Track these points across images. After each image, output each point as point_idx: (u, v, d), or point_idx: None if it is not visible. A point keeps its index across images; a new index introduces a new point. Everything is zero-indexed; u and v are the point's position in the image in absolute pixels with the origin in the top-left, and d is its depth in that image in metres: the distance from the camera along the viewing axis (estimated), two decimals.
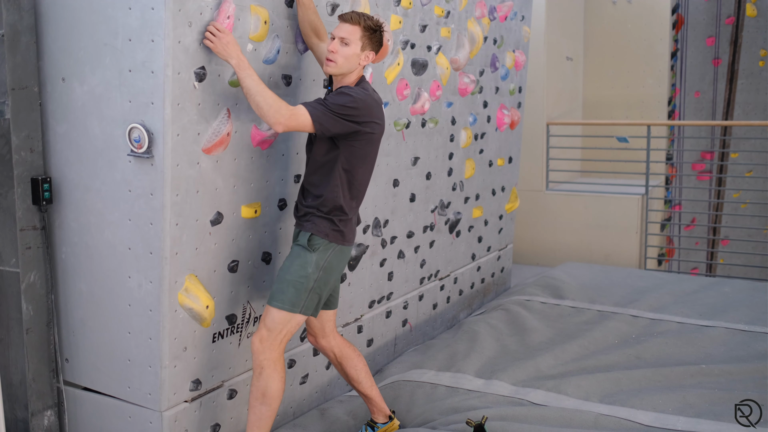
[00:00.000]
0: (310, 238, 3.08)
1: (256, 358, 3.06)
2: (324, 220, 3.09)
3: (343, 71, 3.05)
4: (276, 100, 2.86)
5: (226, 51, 2.83)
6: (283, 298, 3.05)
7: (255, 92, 2.84)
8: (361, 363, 3.47)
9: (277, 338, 3.05)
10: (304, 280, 3.06)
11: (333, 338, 3.44)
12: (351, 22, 3.02)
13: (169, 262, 2.90)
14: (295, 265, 3.08)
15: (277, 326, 3.05)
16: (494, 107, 5.52)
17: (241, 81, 2.86)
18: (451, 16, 4.70)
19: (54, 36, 2.99)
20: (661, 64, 9.63)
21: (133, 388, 3.07)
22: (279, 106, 2.85)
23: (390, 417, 3.55)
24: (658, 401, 3.81)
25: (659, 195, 9.18)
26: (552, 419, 3.64)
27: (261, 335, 3.06)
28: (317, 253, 3.08)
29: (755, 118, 10.02)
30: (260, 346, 3.05)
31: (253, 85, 2.84)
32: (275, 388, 3.05)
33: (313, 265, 3.07)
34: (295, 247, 3.13)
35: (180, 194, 2.89)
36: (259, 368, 3.05)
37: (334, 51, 3.00)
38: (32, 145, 3.06)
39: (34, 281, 3.13)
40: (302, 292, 3.06)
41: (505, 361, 4.44)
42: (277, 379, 3.06)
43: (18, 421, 3.26)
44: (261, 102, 2.84)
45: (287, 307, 3.05)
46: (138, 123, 2.80)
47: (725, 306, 5.48)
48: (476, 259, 5.73)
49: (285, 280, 3.07)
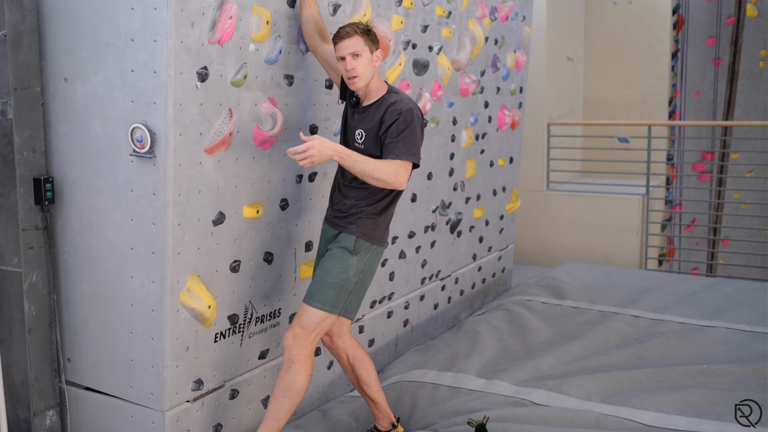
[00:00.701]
0: (355, 241, 3.11)
1: (288, 353, 3.10)
2: (369, 221, 3.13)
3: (368, 80, 3.08)
4: (387, 164, 2.94)
5: (324, 155, 2.85)
6: (323, 299, 3.09)
7: (372, 170, 2.91)
8: (371, 367, 3.48)
9: (310, 336, 3.11)
10: (346, 282, 3.11)
11: (348, 339, 3.44)
12: (350, 36, 3.01)
13: (171, 262, 2.90)
14: (337, 267, 3.11)
15: (312, 325, 3.10)
16: (495, 107, 5.52)
17: (353, 168, 2.92)
18: (453, 17, 4.70)
19: (56, 36, 2.99)
20: (661, 64, 9.62)
21: (135, 387, 3.07)
22: (394, 170, 2.95)
23: (393, 424, 3.54)
24: (659, 401, 3.81)
25: (660, 195, 9.18)
26: (553, 419, 3.64)
27: (295, 332, 3.10)
28: (359, 256, 3.13)
29: (756, 118, 10.02)
30: (293, 342, 3.10)
31: (367, 167, 2.91)
32: (301, 383, 3.11)
33: (354, 268, 3.12)
34: (337, 249, 3.14)
35: (182, 194, 2.89)
36: (290, 362, 3.10)
37: (352, 68, 3.02)
38: (35, 145, 3.07)
39: (36, 281, 3.13)
40: (343, 294, 3.11)
41: (507, 361, 4.44)
42: (304, 375, 3.12)
43: (20, 421, 3.26)
44: (380, 176, 2.92)
45: (327, 308, 3.10)
46: (140, 123, 2.80)
47: (726, 306, 5.48)
48: (477, 259, 5.73)
49: (325, 281, 3.10)
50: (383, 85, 3.18)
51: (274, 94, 3.28)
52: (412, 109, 3.05)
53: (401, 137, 3.00)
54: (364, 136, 3.12)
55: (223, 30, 2.90)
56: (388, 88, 3.18)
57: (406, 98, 3.10)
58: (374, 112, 3.10)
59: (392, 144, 3.00)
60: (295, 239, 3.61)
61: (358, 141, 3.14)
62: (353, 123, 3.19)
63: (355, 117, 3.19)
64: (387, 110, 3.04)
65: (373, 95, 3.14)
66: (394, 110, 3.02)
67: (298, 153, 2.81)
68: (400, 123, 3.00)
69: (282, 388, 3.10)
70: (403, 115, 3.01)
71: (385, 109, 3.05)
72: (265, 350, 3.53)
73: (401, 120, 3.00)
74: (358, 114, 3.18)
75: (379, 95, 3.14)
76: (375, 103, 3.12)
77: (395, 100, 3.06)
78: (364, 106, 3.16)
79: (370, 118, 3.11)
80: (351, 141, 3.19)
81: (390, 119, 3.01)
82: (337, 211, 3.21)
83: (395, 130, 3.00)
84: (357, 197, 3.15)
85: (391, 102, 3.06)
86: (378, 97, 3.14)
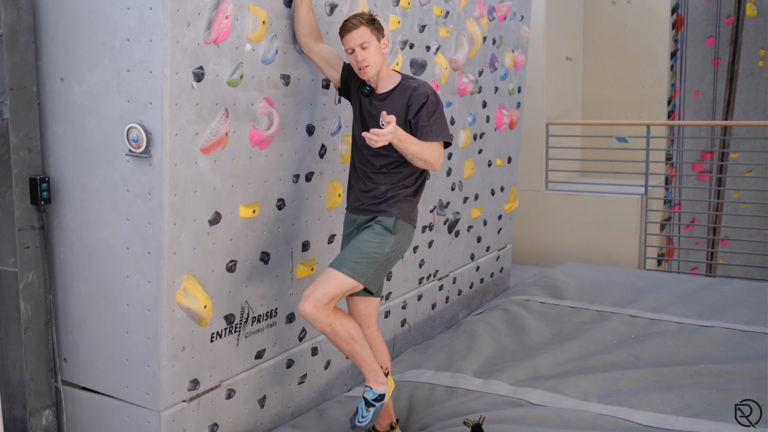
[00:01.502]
0: (395, 222, 3.17)
1: (318, 323, 3.07)
2: (406, 202, 3.21)
3: (378, 68, 3.14)
4: (430, 147, 3.06)
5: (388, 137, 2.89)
6: (354, 267, 3.10)
7: (422, 152, 3.03)
8: (389, 363, 3.46)
9: (330, 302, 3.08)
10: (380, 256, 3.16)
11: (376, 329, 3.42)
12: (356, 27, 3.08)
13: (167, 262, 2.90)
14: (375, 241, 3.15)
15: (336, 290, 3.08)
16: (493, 107, 5.51)
17: (407, 150, 3.00)
18: (450, 16, 4.70)
19: (52, 36, 2.99)
20: (660, 64, 9.62)
21: (131, 387, 3.07)
22: (437, 152, 3.08)
23: (392, 425, 3.54)
24: (656, 401, 3.81)
25: (659, 195, 9.18)
26: (550, 420, 3.64)
27: (316, 299, 3.03)
28: (397, 235, 3.19)
29: (755, 118, 10.01)
30: (314, 311, 3.04)
31: (419, 148, 3.02)
32: (352, 325, 3.16)
33: (390, 245, 3.18)
34: (377, 225, 3.18)
35: (178, 194, 2.89)
36: (329, 327, 3.10)
37: (362, 59, 3.08)
38: (31, 145, 3.06)
39: (32, 281, 3.13)
40: (373, 266, 3.15)
41: (504, 361, 4.44)
42: (346, 320, 3.15)
43: (16, 421, 3.26)
44: (428, 157, 3.05)
45: (356, 276, 3.10)
46: (136, 123, 2.80)
47: (724, 306, 5.47)
48: (475, 259, 5.73)
49: (360, 251, 3.13)
50: (393, 72, 3.25)
51: (270, 94, 3.28)
52: (436, 94, 3.16)
53: (433, 120, 3.10)
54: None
55: (219, 30, 2.90)
56: (401, 74, 3.25)
57: (425, 82, 3.19)
58: (397, 98, 3.16)
59: (426, 127, 3.08)
60: (291, 239, 3.61)
61: (383, 126, 3.11)
62: (373, 110, 3.21)
63: (374, 104, 3.21)
64: (412, 95, 3.12)
65: (386, 82, 3.20)
66: (421, 94, 3.10)
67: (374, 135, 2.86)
68: (430, 106, 3.09)
69: (347, 341, 3.15)
70: (431, 99, 3.10)
71: (410, 94, 3.12)
72: (262, 350, 3.53)
73: (430, 103, 3.10)
74: (377, 101, 3.20)
75: (394, 81, 3.20)
76: (395, 90, 3.18)
77: (417, 85, 3.15)
78: (382, 93, 3.20)
79: (393, 104, 3.15)
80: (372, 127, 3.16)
81: (418, 103, 3.09)
82: (372, 198, 3.23)
83: (426, 113, 3.09)
84: (391, 182, 3.20)
85: (414, 86, 3.14)
86: (394, 83, 3.20)
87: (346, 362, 4.20)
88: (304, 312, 3.05)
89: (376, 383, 3.25)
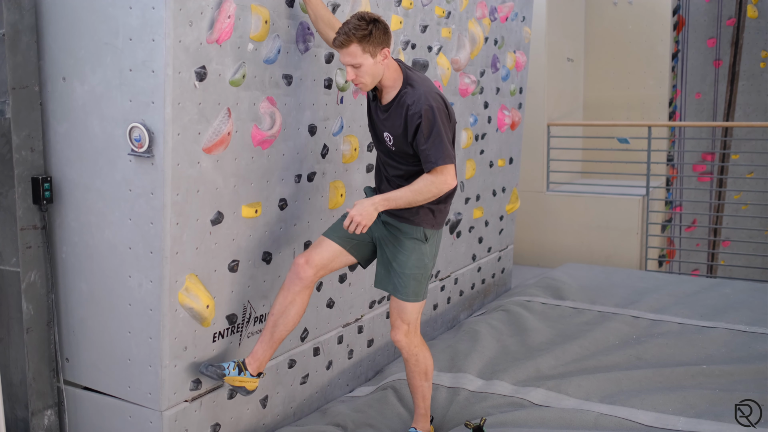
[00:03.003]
0: (424, 232, 3.18)
1: (407, 351, 3.32)
2: (428, 211, 3.18)
3: (375, 81, 3.01)
4: (426, 181, 2.99)
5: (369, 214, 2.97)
6: (408, 291, 3.22)
7: (416, 196, 3.00)
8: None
9: (416, 326, 3.31)
10: (424, 270, 3.24)
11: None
12: (345, 46, 2.92)
13: (169, 262, 2.90)
14: (413, 259, 3.20)
15: (413, 316, 3.28)
16: (495, 108, 5.51)
17: (399, 206, 3.02)
18: (452, 17, 4.70)
19: (55, 35, 2.99)
20: (661, 65, 9.62)
21: (134, 387, 3.07)
22: (435, 181, 2.98)
23: (260, 374, 3.25)
24: (658, 402, 3.81)
25: (660, 196, 9.18)
26: (552, 421, 3.64)
27: (404, 330, 3.28)
28: (429, 242, 3.23)
29: (756, 119, 10.01)
30: (406, 339, 3.30)
31: (410, 197, 3.00)
32: (431, 363, 3.42)
33: (428, 254, 3.24)
34: (408, 241, 3.19)
35: (180, 194, 2.89)
36: (414, 357, 3.34)
37: (354, 78, 2.98)
38: (33, 145, 3.06)
39: (34, 281, 3.13)
40: (422, 281, 3.26)
41: (506, 361, 4.44)
42: (429, 356, 3.41)
43: (18, 421, 3.25)
44: (428, 195, 3.01)
45: (413, 299, 3.24)
46: (138, 122, 2.80)
47: (726, 307, 5.47)
48: (477, 259, 5.72)
49: (406, 275, 3.21)
50: (399, 76, 3.06)
51: (272, 94, 3.28)
52: (431, 107, 2.96)
53: (431, 143, 2.96)
54: (393, 139, 3.10)
55: (222, 29, 2.90)
56: (404, 79, 3.06)
57: (422, 94, 2.98)
58: (395, 114, 3.05)
59: (425, 152, 2.97)
60: (293, 239, 3.61)
61: (388, 142, 3.14)
62: (378, 123, 3.16)
63: (377, 115, 3.15)
64: (407, 115, 2.98)
65: (390, 91, 3.08)
66: (414, 114, 2.95)
67: (348, 227, 2.95)
68: (424, 128, 2.95)
69: (420, 376, 3.38)
70: (425, 117, 2.94)
71: (405, 113, 2.98)
72: None
73: (424, 125, 2.95)
74: (380, 112, 3.14)
75: (396, 89, 3.06)
76: (394, 102, 3.05)
77: (412, 101, 2.97)
78: (384, 105, 3.11)
79: (392, 121, 3.06)
80: (380, 139, 3.18)
81: (412, 125, 2.97)
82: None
83: (422, 137, 2.96)
84: None
85: (408, 104, 2.98)
86: (395, 92, 3.06)
87: (348, 362, 4.20)
88: (397, 340, 3.31)
89: (422, 427, 3.50)
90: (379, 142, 3.21)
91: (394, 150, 3.12)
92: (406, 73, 3.09)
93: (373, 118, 3.21)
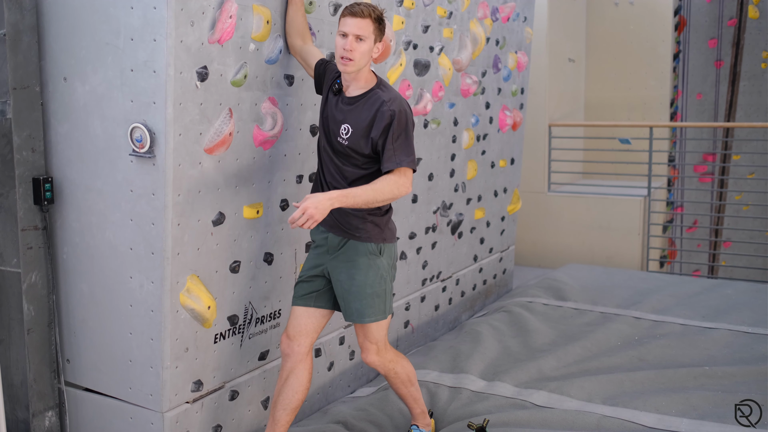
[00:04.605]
0: (376, 246, 3.09)
1: (383, 368, 3.28)
2: (375, 226, 3.07)
3: (360, 68, 2.92)
4: (387, 181, 2.88)
5: (323, 208, 2.74)
6: (373, 312, 3.12)
7: (375, 196, 2.86)
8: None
9: (384, 342, 3.24)
10: (384, 284, 3.13)
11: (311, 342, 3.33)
12: (362, 16, 2.85)
13: (170, 263, 2.89)
14: (371, 276, 3.08)
15: (381, 335, 3.21)
16: (496, 108, 5.51)
17: (355, 204, 2.84)
18: (454, 17, 4.69)
19: (56, 35, 2.98)
20: (663, 65, 9.61)
21: (135, 389, 3.06)
22: (396, 184, 2.89)
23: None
24: (661, 403, 3.80)
25: (661, 197, 9.16)
26: (554, 422, 3.63)
27: (374, 350, 3.22)
28: (384, 255, 3.14)
29: (757, 119, 9.99)
30: (379, 358, 3.25)
31: (369, 196, 2.85)
32: (411, 369, 3.39)
33: (385, 267, 3.14)
34: (361, 259, 3.06)
35: (182, 194, 2.88)
36: (392, 372, 3.32)
37: (351, 49, 2.85)
38: (34, 145, 3.05)
39: (35, 281, 3.12)
40: (386, 296, 3.16)
41: (508, 362, 4.43)
42: (406, 363, 3.37)
43: (19, 422, 3.24)
44: (386, 196, 2.89)
45: (381, 317, 3.15)
46: (140, 123, 2.79)
47: (728, 308, 5.46)
48: (478, 260, 5.71)
49: (367, 294, 3.08)
50: (373, 77, 3.02)
51: (274, 94, 3.27)
52: (405, 111, 2.93)
53: (398, 144, 2.89)
54: (350, 132, 2.96)
55: (223, 29, 2.89)
56: (377, 80, 3.02)
57: (397, 96, 2.96)
58: (363, 108, 2.94)
59: (390, 151, 2.89)
60: (295, 240, 3.60)
61: (342, 135, 2.97)
62: (338, 114, 3.01)
63: (339, 107, 3.01)
64: (379, 109, 2.90)
65: (361, 85, 2.98)
66: (387, 111, 2.88)
67: (297, 220, 2.72)
68: (395, 128, 2.88)
69: (405, 383, 3.37)
70: (398, 118, 2.88)
71: (377, 107, 2.90)
72: (265, 351, 3.52)
73: (396, 124, 2.88)
74: (342, 104, 3.01)
75: (368, 87, 2.98)
76: (364, 97, 2.97)
77: (387, 99, 2.91)
78: (350, 97, 3.00)
79: (358, 113, 2.95)
80: (333, 133, 3.02)
81: (382, 121, 2.88)
82: (338, 214, 3.04)
83: (391, 136, 2.88)
84: None
85: (384, 100, 2.91)
86: (366, 89, 2.98)
87: (350, 363, 4.19)
88: (370, 362, 3.25)
89: (423, 424, 3.50)
90: (329, 137, 3.05)
91: (346, 145, 2.96)
92: (380, 78, 3.06)
93: (331, 110, 3.05)
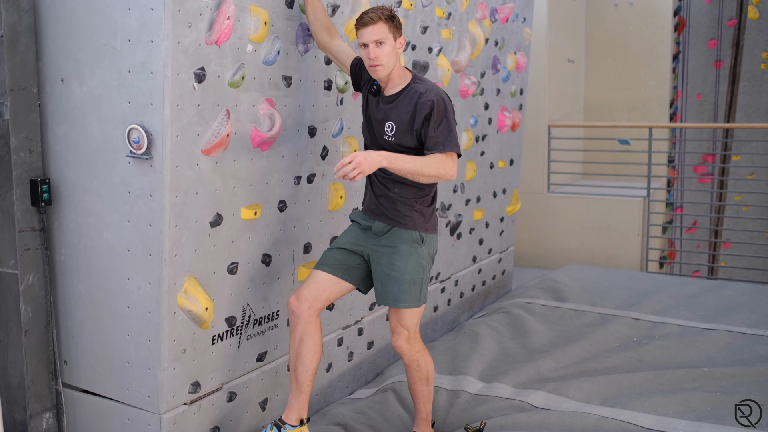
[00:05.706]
0: (419, 234, 3.17)
1: (408, 356, 3.30)
2: (420, 215, 3.18)
3: (390, 68, 3.04)
4: (434, 159, 2.95)
5: (372, 161, 2.82)
6: (408, 298, 3.18)
7: (421, 168, 2.93)
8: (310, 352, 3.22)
9: (416, 331, 3.29)
10: (422, 273, 3.20)
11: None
12: (373, 22, 2.97)
13: (168, 264, 2.88)
14: (411, 263, 3.16)
15: (413, 322, 3.26)
16: (495, 109, 5.50)
17: (402, 170, 2.91)
18: (452, 18, 4.69)
19: (53, 37, 2.98)
20: (662, 66, 9.60)
21: (132, 390, 3.06)
22: (442, 163, 2.96)
23: (302, 421, 3.24)
24: (659, 404, 3.79)
25: (661, 197, 9.16)
26: (552, 424, 3.62)
27: (405, 336, 3.26)
28: (425, 245, 3.21)
29: (757, 120, 9.99)
30: (408, 345, 3.28)
31: (416, 166, 2.92)
32: (432, 368, 3.40)
33: (425, 257, 3.22)
34: (403, 246, 3.15)
35: (179, 196, 2.87)
36: (415, 362, 3.32)
37: (376, 56, 2.97)
38: (31, 146, 3.05)
39: (32, 283, 3.12)
40: (422, 285, 3.22)
41: (507, 363, 4.42)
42: (430, 361, 3.39)
43: (16, 424, 3.24)
44: (431, 171, 2.95)
45: (416, 304, 3.21)
46: (137, 124, 2.79)
47: (727, 309, 5.45)
48: (477, 261, 5.71)
49: (405, 280, 3.15)
50: (406, 72, 3.13)
51: (272, 95, 3.27)
52: (443, 98, 3.03)
53: (440, 130, 2.99)
54: (395, 129, 3.08)
55: (221, 31, 2.89)
56: (412, 75, 3.13)
57: (433, 86, 3.07)
58: (403, 103, 3.06)
59: (433, 138, 2.99)
60: (293, 241, 3.60)
61: (387, 133, 3.10)
62: (379, 114, 3.14)
63: (380, 107, 3.14)
64: (418, 101, 3.01)
65: (396, 83, 3.10)
66: (426, 101, 2.99)
67: (346, 165, 2.78)
68: (436, 116, 2.98)
69: (422, 381, 3.37)
70: (437, 107, 2.99)
71: (416, 101, 3.01)
72: (263, 353, 3.51)
73: (436, 113, 2.98)
74: (383, 104, 3.13)
75: (404, 83, 3.10)
76: (402, 93, 3.08)
77: (424, 90, 3.02)
78: (389, 96, 3.11)
79: (398, 109, 3.07)
80: (378, 133, 3.15)
81: (423, 111, 2.98)
82: (389, 201, 3.16)
83: (433, 123, 2.98)
84: (402, 192, 3.15)
85: (421, 92, 3.02)
86: (402, 85, 3.10)
87: (348, 365, 4.19)
88: (398, 346, 3.28)
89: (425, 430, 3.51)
90: (375, 137, 3.17)
91: (393, 142, 3.09)
92: (413, 72, 3.17)
93: (372, 111, 3.18)
